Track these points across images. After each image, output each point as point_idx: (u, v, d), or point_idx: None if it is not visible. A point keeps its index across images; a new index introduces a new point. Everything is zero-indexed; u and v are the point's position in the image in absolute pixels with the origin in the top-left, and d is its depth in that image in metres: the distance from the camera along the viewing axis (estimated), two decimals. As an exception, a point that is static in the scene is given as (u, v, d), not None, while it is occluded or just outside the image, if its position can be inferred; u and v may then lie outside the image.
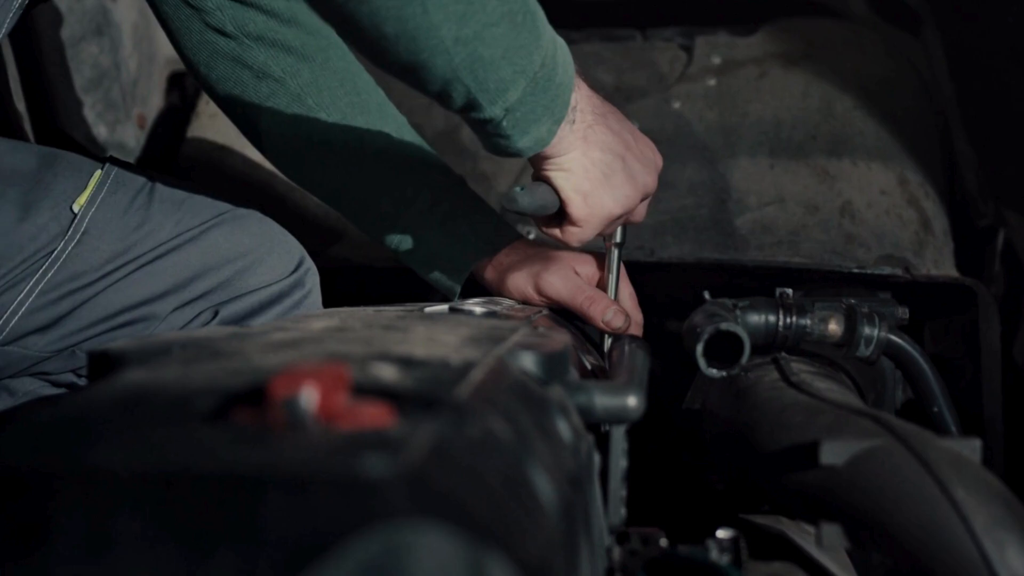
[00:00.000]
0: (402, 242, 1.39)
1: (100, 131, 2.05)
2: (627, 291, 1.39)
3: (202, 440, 0.53)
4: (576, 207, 1.20)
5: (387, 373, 0.66)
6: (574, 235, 1.23)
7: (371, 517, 0.47)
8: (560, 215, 1.23)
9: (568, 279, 1.35)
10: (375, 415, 0.56)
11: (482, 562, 0.49)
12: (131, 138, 2.13)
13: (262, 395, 0.56)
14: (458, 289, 1.39)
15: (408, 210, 1.37)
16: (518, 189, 1.17)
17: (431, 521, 0.48)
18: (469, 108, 1.04)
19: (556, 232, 1.25)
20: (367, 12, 0.93)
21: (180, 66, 2.16)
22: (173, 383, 0.65)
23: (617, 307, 1.33)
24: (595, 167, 1.17)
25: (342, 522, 0.47)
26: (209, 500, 0.48)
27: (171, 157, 2.11)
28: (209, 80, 1.40)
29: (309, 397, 0.54)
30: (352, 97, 1.38)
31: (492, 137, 1.10)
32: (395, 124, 1.40)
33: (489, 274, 1.38)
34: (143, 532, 0.47)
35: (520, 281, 1.36)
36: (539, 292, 1.35)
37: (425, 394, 0.61)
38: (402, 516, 0.48)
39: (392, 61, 0.99)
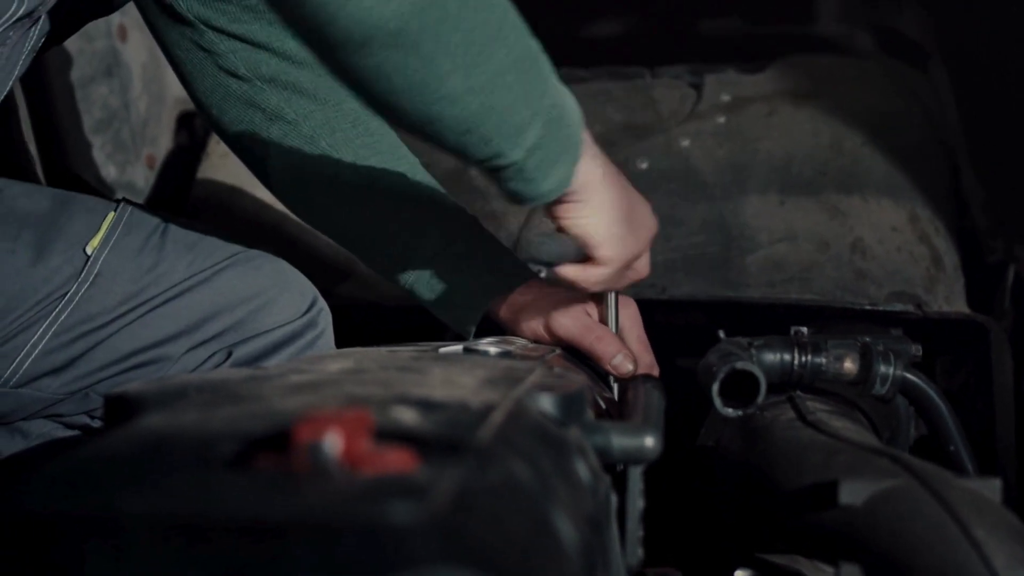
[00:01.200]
0: (416, 282, 1.39)
1: (110, 172, 2.06)
2: (635, 334, 1.37)
3: (227, 487, 0.53)
4: (607, 248, 1.17)
5: (408, 417, 0.66)
6: (595, 276, 1.21)
7: (397, 564, 0.47)
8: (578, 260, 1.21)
9: (579, 319, 1.34)
10: (398, 460, 0.55)
11: (508, 608, 0.49)
12: (141, 179, 2.14)
13: (284, 440, 0.55)
14: (473, 329, 1.38)
15: (421, 250, 1.37)
16: (543, 238, 1.16)
17: (457, 567, 0.48)
18: (491, 156, 1.04)
19: (574, 275, 1.22)
20: (371, 66, 0.94)
21: (189, 105, 2.16)
22: (194, 428, 0.65)
23: (626, 352, 1.31)
24: (616, 207, 1.16)
25: (369, 569, 0.47)
26: (235, 547, 0.48)
27: (181, 197, 2.11)
28: (221, 123, 1.40)
29: (333, 442, 0.53)
30: (365, 138, 1.38)
31: (514, 183, 1.08)
32: (408, 165, 1.40)
33: (504, 312, 1.38)
34: (169, 581, 0.47)
35: (533, 320, 1.36)
36: (550, 332, 1.35)
37: (447, 438, 0.61)
38: (428, 563, 0.48)
39: (407, 116, 1.00)
